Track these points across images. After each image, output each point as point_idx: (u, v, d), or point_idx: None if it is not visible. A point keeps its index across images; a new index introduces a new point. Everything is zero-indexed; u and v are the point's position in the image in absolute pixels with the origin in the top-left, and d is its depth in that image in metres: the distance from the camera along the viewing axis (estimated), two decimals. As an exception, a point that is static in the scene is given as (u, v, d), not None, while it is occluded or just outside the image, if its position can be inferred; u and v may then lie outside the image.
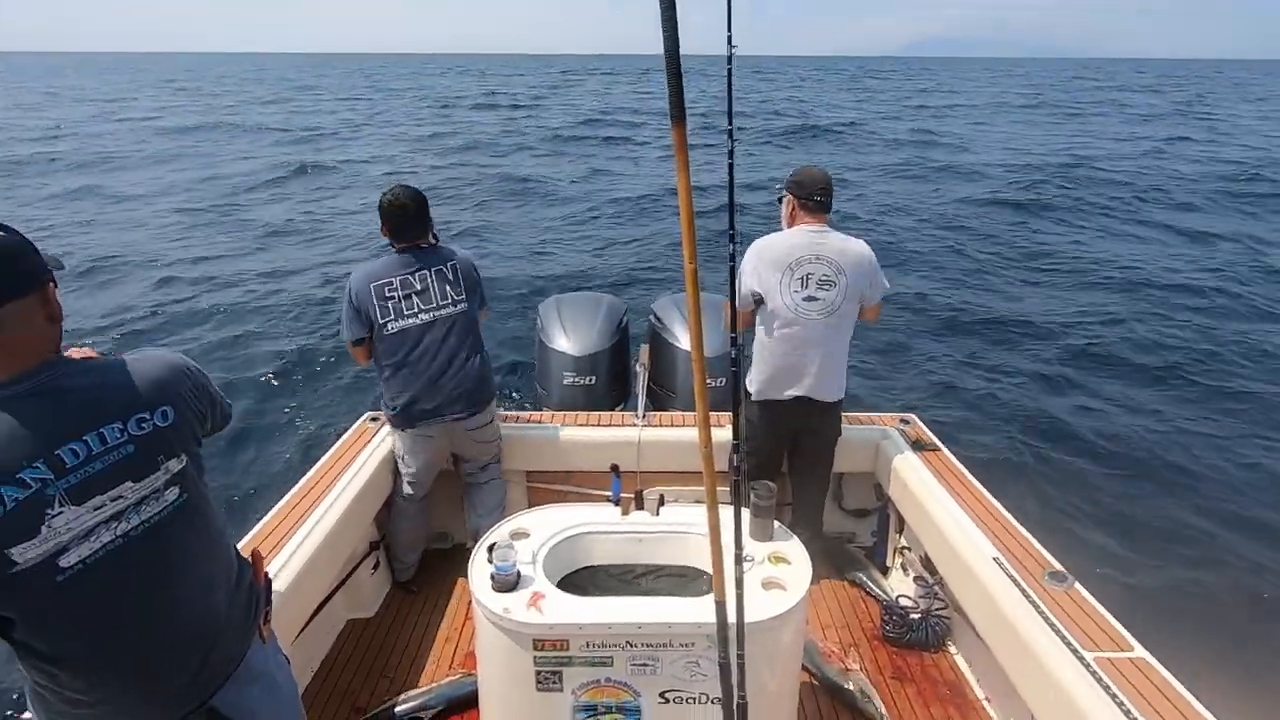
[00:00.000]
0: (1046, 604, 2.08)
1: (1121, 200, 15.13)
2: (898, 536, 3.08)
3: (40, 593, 1.15)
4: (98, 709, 1.27)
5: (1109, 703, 1.73)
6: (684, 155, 1.21)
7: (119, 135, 24.99)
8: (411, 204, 2.64)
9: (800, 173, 2.76)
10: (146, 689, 1.31)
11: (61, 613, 1.18)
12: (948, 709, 2.42)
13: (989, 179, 17.41)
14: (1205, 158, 21.11)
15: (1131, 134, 27.89)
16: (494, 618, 1.70)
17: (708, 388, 1.40)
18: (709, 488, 1.42)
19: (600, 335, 3.67)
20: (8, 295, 1.14)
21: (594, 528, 2.03)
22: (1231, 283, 10.17)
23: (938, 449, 3.04)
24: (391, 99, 45.06)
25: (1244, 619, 4.00)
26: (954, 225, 13.14)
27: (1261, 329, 8.84)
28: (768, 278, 2.67)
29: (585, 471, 3.14)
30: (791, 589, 1.78)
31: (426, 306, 2.66)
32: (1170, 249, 11.87)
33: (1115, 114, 37.22)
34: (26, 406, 1.14)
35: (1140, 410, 6.60)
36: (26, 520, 1.11)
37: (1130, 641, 1.95)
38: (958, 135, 26.45)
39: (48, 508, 1.13)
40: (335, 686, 2.49)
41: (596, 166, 19.32)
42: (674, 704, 1.75)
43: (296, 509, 2.53)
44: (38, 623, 1.18)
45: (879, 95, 50.38)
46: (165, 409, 1.28)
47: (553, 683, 1.73)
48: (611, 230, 12.97)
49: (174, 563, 1.32)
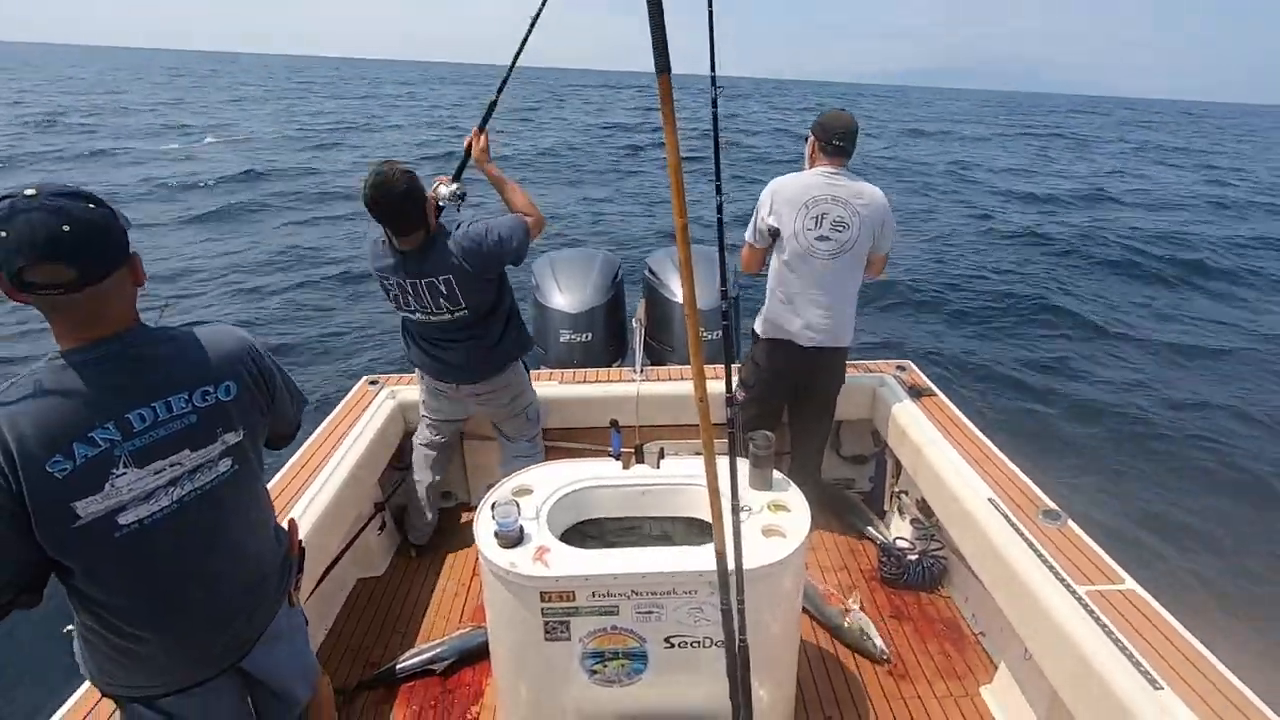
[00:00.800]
0: (1040, 541, 2.12)
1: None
2: (894, 481, 3.13)
3: (99, 546, 1.20)
4: (140, 661, 1.33)
5: (1099, 633, 1.78)
6: (670, 106, 1.19)
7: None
8: (398, 196, 2.23)
9: (825, 115, 2.71)
10: (189, 647, 1.37)
11: (117, 567, 1.24)
12: (944, 644, 2.50)
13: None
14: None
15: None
16: (500, 572, 1.74)
17: (703, 341, 1.40)
18: (705, 440, 1.43)
19: (595, 291, 3.65)
20: (110, 267, 1.18)
21: (596, 482, 2.06)
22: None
23: (934, 394, 3.07)
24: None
25: (1229, 551, 4.10)
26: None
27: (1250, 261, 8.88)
28: (783, 213, 2.66)
29: (585, 428, 3.16)
30: (791, 535, 1.82)
31: (422, 309, 2.49)
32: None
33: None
34: (106, 370, 1.19)
35: (1130, 357, 6.66)
36: (93, 477, 1.17)
37: (1121, 575, 2.00)
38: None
39: (113, 467, 1.19)
40: (349, 643, 2.56)
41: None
42: (679, 648, 1.80)
43: (302, 472, 2.56)
44: (94, 574, 1.23)
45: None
46: (229, 384, 1.33)
47: (561, 632, 1.78)
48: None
49: (223, 530, 1.37)
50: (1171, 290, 8.94)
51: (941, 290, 8.41)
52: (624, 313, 3.80)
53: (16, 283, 1.11)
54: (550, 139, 25.22)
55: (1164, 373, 6.30)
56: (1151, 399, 5.81)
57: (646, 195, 14.96)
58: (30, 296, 1.13)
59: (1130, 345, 6.90)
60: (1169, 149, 32.96)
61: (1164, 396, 5.85)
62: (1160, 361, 6.53)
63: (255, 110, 33.54)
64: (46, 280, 1.11)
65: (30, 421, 1.13)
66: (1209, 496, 4.59)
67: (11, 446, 1.11)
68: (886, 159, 22.12)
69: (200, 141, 21.42)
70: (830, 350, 2.78)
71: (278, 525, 1.58)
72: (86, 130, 22.69)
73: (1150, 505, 4.48)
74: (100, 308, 1.18)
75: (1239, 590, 3.75)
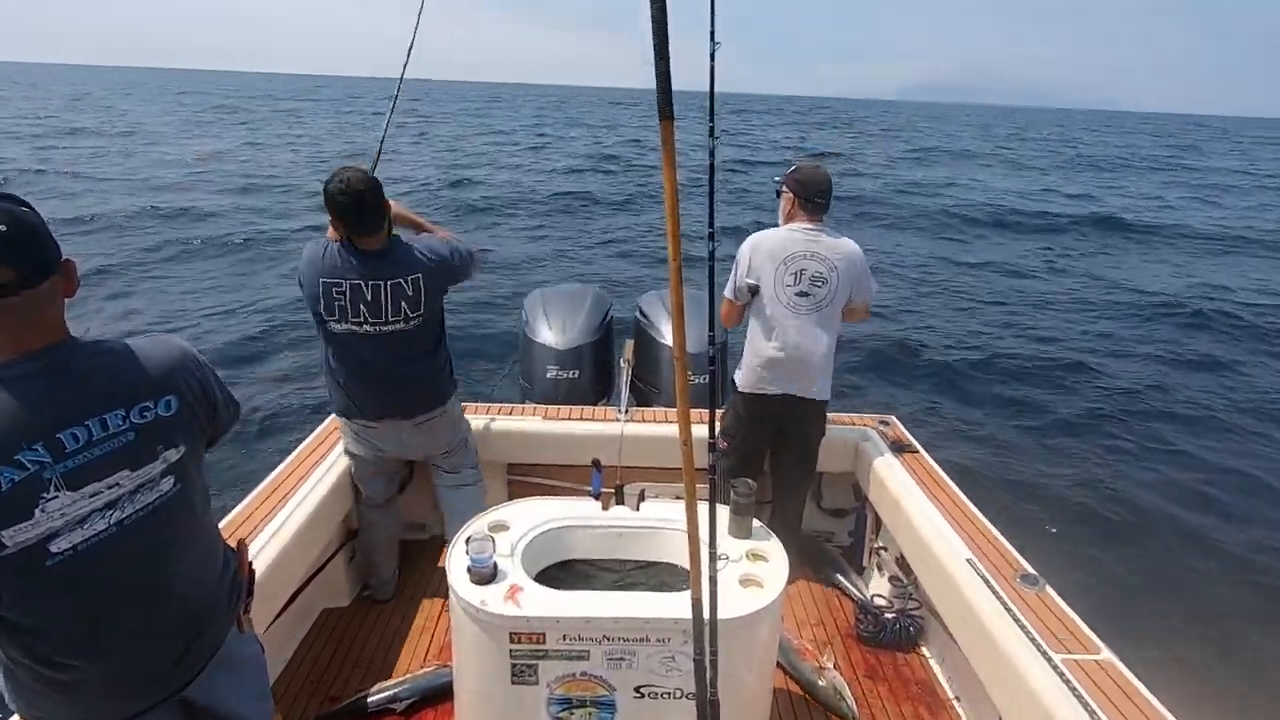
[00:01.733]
0: (1017, 605, 2.11)
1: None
2: (874, 537, 3.11)
3: (28, 576, 1.13)
4: (73, 691, 1.25)
5: (1075, 704, 1.76)
6: (671, 151, 1.21)
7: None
8: (367, 192, 2.24)
9: (802, 171, 2.75)
10: (126, 673, 1.29)
11: (48, 596, 1.17)
12: (918, 708, 2.45)
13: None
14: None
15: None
16: (470, 609, 1.70)
17: (690, 384, 1.40)
18: (688, 484, 1.42)
19: (585, 329, 3.66)
20: (48, 271, 1.12)
21: (574, 521, 2.03)
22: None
23: (916, 451, 3.07)
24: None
25: (1210, 624, 4.09)
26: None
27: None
28: (763, 270, 2.69)
29: (566, 465, 3.13)
30: (769, 586, 1.79)
31: (374, 320, 2.35)
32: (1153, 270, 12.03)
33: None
34: (34, 386, 1.11)
35: (1113, 421, 6.73)
36: (21, 503, 1.09)
37: (1097, 644, 1.99)
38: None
39: (43, 491, 1.11)
40: (309, 675, 2.47)
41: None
42: (649, 699, 1.76)
43: (271, 498, 2.51)
44: (23, 603, 1.15)
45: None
46: (170, 398, 1.26)
47: (528, 675, 1.73)
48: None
49: (166, 551, 1.30)
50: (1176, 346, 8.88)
51: (927, 343, 8.52)
52: (613, 352, 3.80)
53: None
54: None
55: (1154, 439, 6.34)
56: (1137, 464, 5.86)
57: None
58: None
59: (1144, 413, 6.91)
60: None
61: (1151, 463, 5.89)
62: (1156, 430, 6.55)
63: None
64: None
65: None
66: (1190, 567, 4.60)
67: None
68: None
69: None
70: (809, 402, 2.79)
71: (226, 545, 1.51)
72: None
73: (1128, 573, 4.48)
74: (32, 316, 1.12)
75: (1216, 662, 3.73)
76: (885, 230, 15.61)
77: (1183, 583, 4.44)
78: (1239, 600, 4.29)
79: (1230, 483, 5.64)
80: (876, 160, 29.79)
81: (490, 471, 3.20)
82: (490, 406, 3.26)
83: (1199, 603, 4.26)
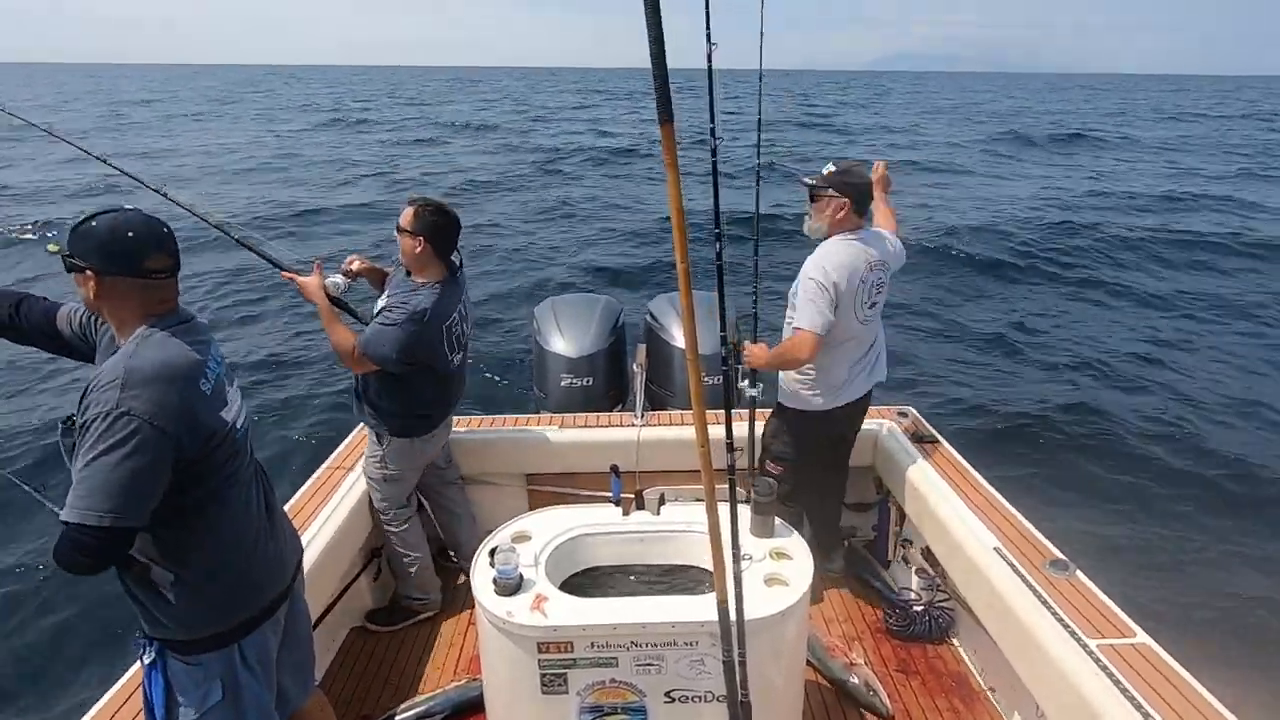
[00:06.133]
0: (1048, 592, 2.08)
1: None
2: (898, 530, 3.09)
3: (238, 444, 1.55)
4: (262, 558, 1.61)
5: (1114, 690, 1.73)
6: (673, 154, 1.21)
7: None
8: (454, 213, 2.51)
9: (852, 173, 2.54)
10: (281, 547, 1.70)
11: (247, 464, 1.60)
12: (953, 700, 2.43)
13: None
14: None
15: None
16: (498, 621, 1.70)
17: (705, 386, 1.40)
18: (707, 486, 1.42)
19: (596, 336, 3.66)
20: (179, 264, 1.53)
21: (595, 529, 2.03)
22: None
23: (937, 441, 3.05)
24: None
25: (1246, 603, 4.01)
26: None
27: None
28: (844, 302, 2.51)
29: (585, 473, 3.13)
30: (794, 585, 1.78)
31: (464, 335, 2.66)
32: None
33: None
34: (190, 331, 1.52)
35: (1137, 396, 6.64)
36: (220, 395, 1.52)
37: (1133, 628, 1.96)
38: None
39: (227, 387, 1.55)
40: (340, 695, 2.48)
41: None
42: (679, 703, 1.75)
43: (297, 518, 2.52)
44: (231, 474, 1.53)
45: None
46: (222, 355, 1.64)
47: (558, 685, 1.73)
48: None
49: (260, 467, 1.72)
50: (1201, 324, 8.72)
51: (946, 326, 8.42)
52: (625, 358, 3.80)
53: (138, 270, 1.43)
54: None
55: (1186, 416, 6.23)
56: (1170, 444, 5.74)
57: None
58: (142, 280, 1.44)
59: (1158, 384, 6.80)
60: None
61: (1184, 443, 5.78)
62: (1184, 404, 6.44)
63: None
64: (160, 266, 1.46)
65: (179, 360, 1.43)
66: (1228, 547, 4.51)
67: (177, 375, 1.40)
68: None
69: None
70: (868, 394, 2.80)
71: None
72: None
73: (1164, 555, 4.41)
74: (173, 293, 1.52)
75: (1256, 641, 3.66)
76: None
77: (1221, 563, 4.35)
78: (1276, 580, 4.21)
79: (1264, 460, 5.53)
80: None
81: (509, 482, 3.20)
82: (506, 418, 3.27)
83: (1235, 584, 4.18)
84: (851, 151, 24.06)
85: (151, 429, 1.33)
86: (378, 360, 2.43)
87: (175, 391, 1.39)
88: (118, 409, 1.31)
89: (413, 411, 2.61)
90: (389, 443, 2.65)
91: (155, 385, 1.36)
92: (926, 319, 8.67)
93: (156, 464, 1.35)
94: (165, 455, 1.36)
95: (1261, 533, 4.65)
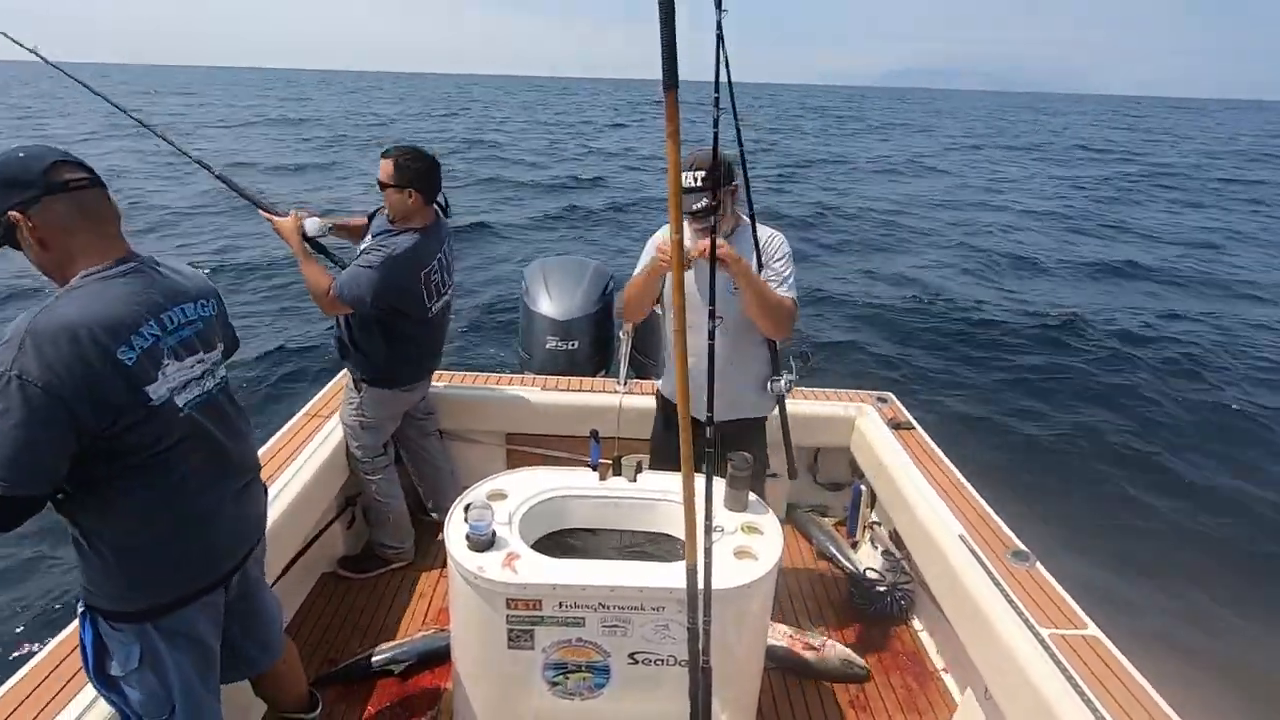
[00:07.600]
0: (1007, 581, 2.14)
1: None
2: (869, 511, 3.14)
3: (172, 424, 1.38)
4: (208, 526, 1.50)
5: (1059, 676, 1.79)
6: (675, 123, 1.19)
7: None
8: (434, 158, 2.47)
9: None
10: (240, 517, 1.58)
11: (188, 439, 1.42)
12: (906, 678, 2.50)
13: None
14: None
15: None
16: (468, 576, 1.72)
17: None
18: (684, 456, 1.43)
19: (584, 301, 3.65)
20: (98, 176, 1.36)
21: (571, 491, 2.05)
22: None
23: (913, 428, 3.09)
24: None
25: (1195, 601, 4.15)
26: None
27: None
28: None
29: (564, 436, 3.15)
30: (763, 558, 1.81)
31: (446, 284, 2.64)
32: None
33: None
34: (135, 282, 1.37)
35: (1108, 401, 6.74)
36: (150, 365, 1.34)
37: (1085, 620, 2.02)
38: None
39: (161, 358, 1.36)
40: (307, 639, 2.51)
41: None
42: (643, 665, 1.79)
43: (273, 461, 2.52)
44: (174, 447, 1.39)
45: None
46: (212, 301, 1.55)
47: (524, 641, 1.76)
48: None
49: (235, 426, 1.57)
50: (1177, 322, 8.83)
51: (926, 319, 8.49)
52: (612, 325, 3.80)
53: (50, 185, 1.26)
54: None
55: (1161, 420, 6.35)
56: (1141, 447, 5.87)
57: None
58: (65, 196, 1.28)
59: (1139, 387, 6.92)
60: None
61: (1156, 444, 5.91)
62: (1161, 409, 6.55)
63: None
64: (73, 175, 1.30)
65: (95, 319, 1.26)
66: (1184, 548, 4.64)
67: (84, 337, 1.23)
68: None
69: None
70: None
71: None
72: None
73: (1121, 551, 4.53)
74: (114, 224, 1.37)
75: (1203, 641, 3.79)
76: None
77: (1180, 565, 4.48)
78: (1228, 581, 4.34)
79: (1226, 466, 5.67)
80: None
81: (488, 440, 3.21)
82: (489, 375, 3.27)
83: (1192, 584, 4.31)
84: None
85: (44, 395, 1.19)
86: (351, 302, 2.41)
87: (77, 355, 1.22)
88: (10, 370, 1.18)
89: (393, 358, 2.60)
90: (366, 390, 2.66)
91: (54, 346, 1.20)
92: (917, 314, 8.73)
93: (52, 432, 1.21)
94: (63, 423, 1.21)
95: (1223, 534, 4.79)
